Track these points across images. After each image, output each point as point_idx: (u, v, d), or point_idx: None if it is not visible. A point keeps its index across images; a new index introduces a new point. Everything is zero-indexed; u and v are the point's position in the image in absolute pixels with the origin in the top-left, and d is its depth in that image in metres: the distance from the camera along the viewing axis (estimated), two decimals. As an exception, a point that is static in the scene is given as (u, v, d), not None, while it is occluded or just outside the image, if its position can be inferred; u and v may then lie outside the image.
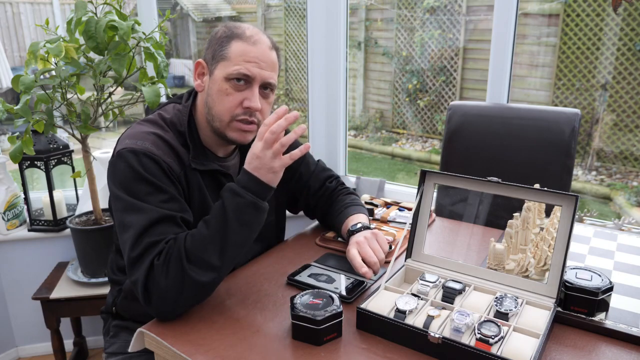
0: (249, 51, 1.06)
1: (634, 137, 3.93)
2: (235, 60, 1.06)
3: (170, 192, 1.03)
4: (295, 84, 5.98)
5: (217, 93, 1.08)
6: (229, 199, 0.97)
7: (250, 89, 1.08)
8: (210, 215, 0.98)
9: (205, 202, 1.12)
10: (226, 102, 1.07)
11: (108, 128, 1.92)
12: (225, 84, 1.07)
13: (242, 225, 0.96)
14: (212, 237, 0.95)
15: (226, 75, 1.06)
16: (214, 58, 1.09)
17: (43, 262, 2.04)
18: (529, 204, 1.12)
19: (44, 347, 2.18)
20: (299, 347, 0.89)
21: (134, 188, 1.01)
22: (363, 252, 1.09)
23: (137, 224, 0.97)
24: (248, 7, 6.66)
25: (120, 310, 1.23)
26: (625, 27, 3.80)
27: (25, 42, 5.36)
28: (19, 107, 1.54)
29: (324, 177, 1.37)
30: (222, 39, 1.08)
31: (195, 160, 1.10)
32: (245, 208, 0.96)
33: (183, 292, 0.94)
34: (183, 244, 0.95)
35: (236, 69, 1.05)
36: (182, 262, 0.93)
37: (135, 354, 1.11)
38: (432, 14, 4.82)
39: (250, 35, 1.07)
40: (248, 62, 1.06)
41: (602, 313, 0.95)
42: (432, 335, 0.84)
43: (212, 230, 0.96)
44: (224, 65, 1.07)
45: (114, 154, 1.06)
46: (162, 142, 1.07)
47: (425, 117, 5.13)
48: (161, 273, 0.93)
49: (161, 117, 1.13)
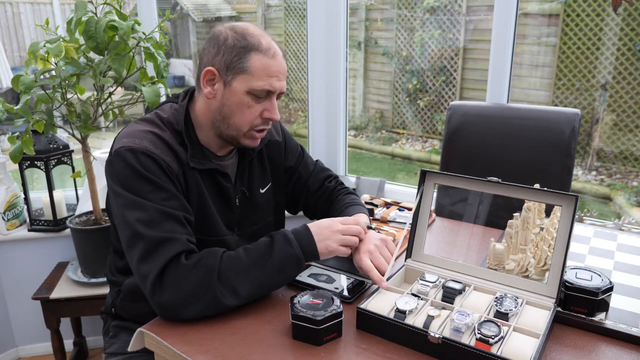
0: (270, 65, 1.06)
1: (634, 137, 3.93)
2: (259, 75, 1.06)
3: (171, 190, 1.03)
4: (295, 84, 5.98)
5: (238, 105, 1.08)
6: (280, 242, 1.01)
7: (270, 101, 1.09)
8: (254, 246, 1.02)
9: (203, 200, 1.12)
10: (247, 115, 1.08)
11: (108, 128, 1.92)
12: (246, 97, 1.07)
13: (279, 272, 1.00)
14: (248, 267, 0.98)
15: (249, 90, 1.06)
16: (230, 69, 1.06)
17: (43, 262, 2.04)
18: (529, 204, 1.12)
19: (44, 347, 2.18)
20: (299, 347, 0.89)
21: (135, 186, 1.01)
22: (377, 262, 1.07)
23: (143, 219, 0.98)
24: (248, 7, 6.66)
25: (120, 311, 1.23)
26: (625, 27, 3.80)
27: (25, 42, 5.35)
28: (19, 107, 1.54)
29: (323, 177, 1.37)
30: (238, 49, 1.05)
31: (194, 159, 1.10)
32: (290, 258, 1.00)
33: (199, 302, 0.94)
34: (219, 261, 0.97)
35: (261, 85, 1.06)
36: (211, 277, 0.95)
37: (135, 354, 1.11)
38: (432, 14, 4.82)
39: (268, 48, 1.07)
40: (271, 77, 1.07)
41: (602, 313, 0.95)
42: (432, 335, 0.84)
43: (250, 261, 0.99)
44: (246, 79, 1.06)
45: (112, 153, 1.06)
46: (160, 141, 1.07)
47: (425, 117, 5.13)
48: (186, 275, 0.94)
49: (158, 117, 1.13)
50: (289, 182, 1.34)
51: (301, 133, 5.52)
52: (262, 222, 1.27)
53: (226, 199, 1.17)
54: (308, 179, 1.35)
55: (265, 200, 1.27)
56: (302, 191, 1.35)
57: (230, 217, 1.18)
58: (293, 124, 5.82)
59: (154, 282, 0.94)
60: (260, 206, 1.25)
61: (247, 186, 1.21)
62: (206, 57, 1.09)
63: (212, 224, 1.13)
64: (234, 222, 1.20)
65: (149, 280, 0.95)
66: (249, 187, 1.22)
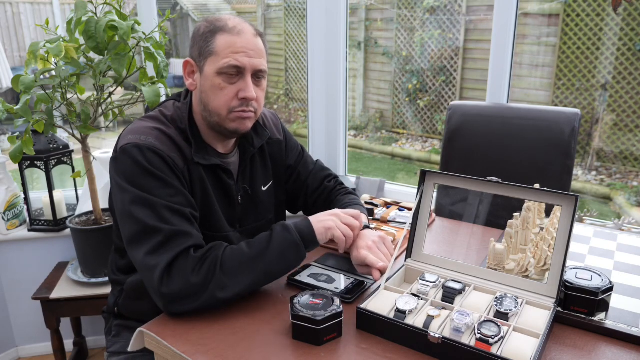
0: (235, 42, 1.06)
1: (634, 137, 3.93)
2: (223, 53, 1.06)
3: (177, 187, 1.04)
4: (295, 84, 5.98)
5: (211, 89, 1.08)
6: (278, 231, 1.03)
7: (244, 80, 1.08)
8: (255, 239, 1.04)
9: (207, 196, 1.12)
10: (222, 97, 1.08)
11: (108, 128, 1.92)
12: (217, 79, 1.07)
13: (279, 259, 1.01)
14: (250, 257, 0.99)
15: (217, 70, 1.06)
16: (201, 55, 1.08)
17: (43, 262, 2.04)
18: (529, 204, 1.12)
19: (44, 347, 2.18)
20: (299, 347, 0.89)
21: (142, 182, 1.01)
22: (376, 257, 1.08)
23: (152, 215, 0.98)
24: (248, 7, 6.65)
25: (123, 310, 1.23)
26: (625, 27, 3.80)
27: (25, 42, 5.35)
28: (19, 107, 1.54)
29: (323, 177, 1.37)
30: (206, 34, 1.08)
31: (198, 155, 1.10)
32: (289, 244, 1.02)
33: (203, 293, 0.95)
34: (222, 252, 0.99)
35: (226, 62, 1.06)
36: (215, 266, 0.97)
37: (137, 353, 1.11)
38: (432, 14, 4.82)
39: (233, 26, 1.07)
40: (236, 52, 1.06)
41: (602, 313, 0.95)
42: (432, 335, 0.84)
43: (252, 251, 1.00)
44: (213, 60, 1.07)
45: (117, 150, 1.06)
46: (166, 137, 1.07)
47: (425, 117, 5.13)
48: (193, 266, 0.96)
49: (162, 114, 1.13)
50: (289, 181, 1.34)
51: (301, 133, 5.52)
52: (264, 219, 1.27)
53: (228, 196, 1.17)
54: (307, 177, 1.35)
55: (267, 198, 1.27)
56: (301, 190, 1.35)
57: (233, 214, 1.19)
58: (293, 124, 5.82)
59: (162, 273, 0.95)
60: (262, 204, 1.26)
61: (249, 183, 1.22)
62: (188, 51, 1.12)
63: (215, 220, 1.14)
64: (236, 219, 1.20)
65: (157, 271, 0.95)
66: (251, 184, 1.22)
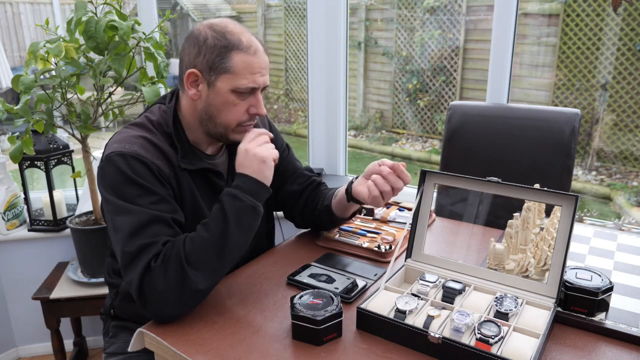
0: (252, 63, 1.06)
1: (634, 137, 3.93)
2: (242, 74, 1.06)
3: (160, 194, 1.03)
4: (295, 84, 5.98)
5: (223, 104, 1.08)
6: (228, 202, 0.99)
7: (254, 96, 1.10)
8: (209, 219, 1.00)
9: (196, 201, 1.12)
10: (234, 112, 1.09)
11: (108, 128, 1.92)
12: (231, 96, 1.07)
13: (241, 229, 0.99)
14: (212, 240, 0.97)
15: (233, 88, 1.06)
16: (213, 69, 1.06)
17: (43, 262, 2.04)
18: (529, 204, 1.12)
19: (44, 347, 2.18)
20: (299, 347, 0.89)
21: (124, 191, 1.01)
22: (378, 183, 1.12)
23: (128, 226, 0.98)
24: (248, 7, 6.65)
25: (119, 312, 1.23)
26: (625, 27, 3.80)
27: (25, 42, 5.35)
28: (19, 107, 1.54)
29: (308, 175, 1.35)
30: (219, 49, 1.05)
31: (184, 160, 1.10)
32: (244, 211, 0.99)
33: (182, 295, 0.94)
34: (182, 247, 0.96)
35: (245, 84, 1.06)
36: (181, 265, 0.94)
37: (135, 353, 1.11)
38: (432, 14, 4.82)
39: (249, 45, 1.06)
40: (254, 74, 1.07)
41: (602, 313, 0.95)
42: (432, 335, 0.84)
43: (212, 233, 0.97)
44: (229, 78, 1.06)
45: (103, 159, 1.06)
46: (150, 145, 1.07)
47: (425, 117, 5.13)
48: (159, 276, 0.94)
49: (148, 120, 1.13)
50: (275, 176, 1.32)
51: (301, 133, 5.52)
52: None
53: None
54: (294, 173, 1.33)
55: None
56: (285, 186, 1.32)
57: None
58: (293, 124, 5.82)
59: (137, 292, 0.95)
60: None
61: None
62: (187, 57, 1.08)
63: None
64: None
65: (133, 288, 0.96)
66: None
